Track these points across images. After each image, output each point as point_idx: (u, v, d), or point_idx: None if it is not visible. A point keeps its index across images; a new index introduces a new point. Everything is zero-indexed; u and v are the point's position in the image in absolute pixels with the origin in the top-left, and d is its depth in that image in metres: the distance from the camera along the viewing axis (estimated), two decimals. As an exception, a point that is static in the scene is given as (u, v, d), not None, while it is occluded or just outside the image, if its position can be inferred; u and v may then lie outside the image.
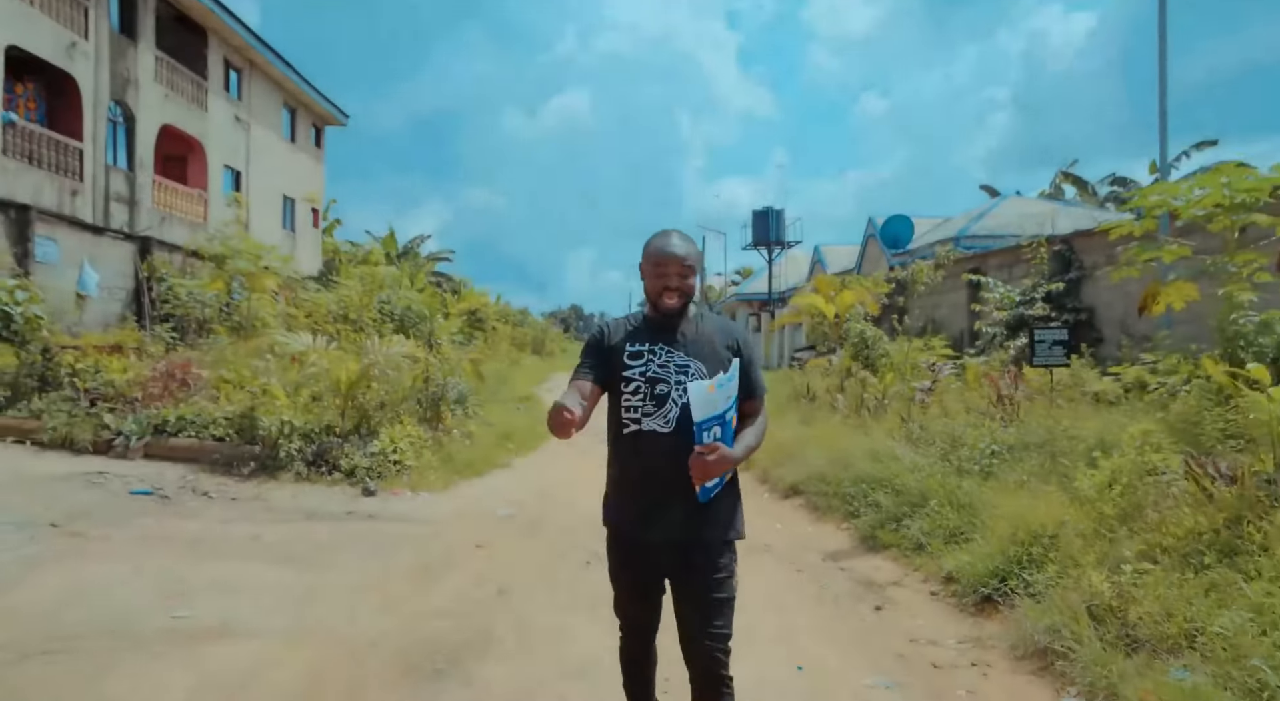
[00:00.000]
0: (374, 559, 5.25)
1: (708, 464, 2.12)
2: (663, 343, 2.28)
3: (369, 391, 8.66)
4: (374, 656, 3.59)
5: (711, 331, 2.35)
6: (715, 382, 2.14)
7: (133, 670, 3.30)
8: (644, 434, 2.23)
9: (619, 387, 2.27)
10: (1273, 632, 3.02)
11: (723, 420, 2.16)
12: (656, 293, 2.27)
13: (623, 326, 2.36)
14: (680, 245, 2.28)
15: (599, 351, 2.31)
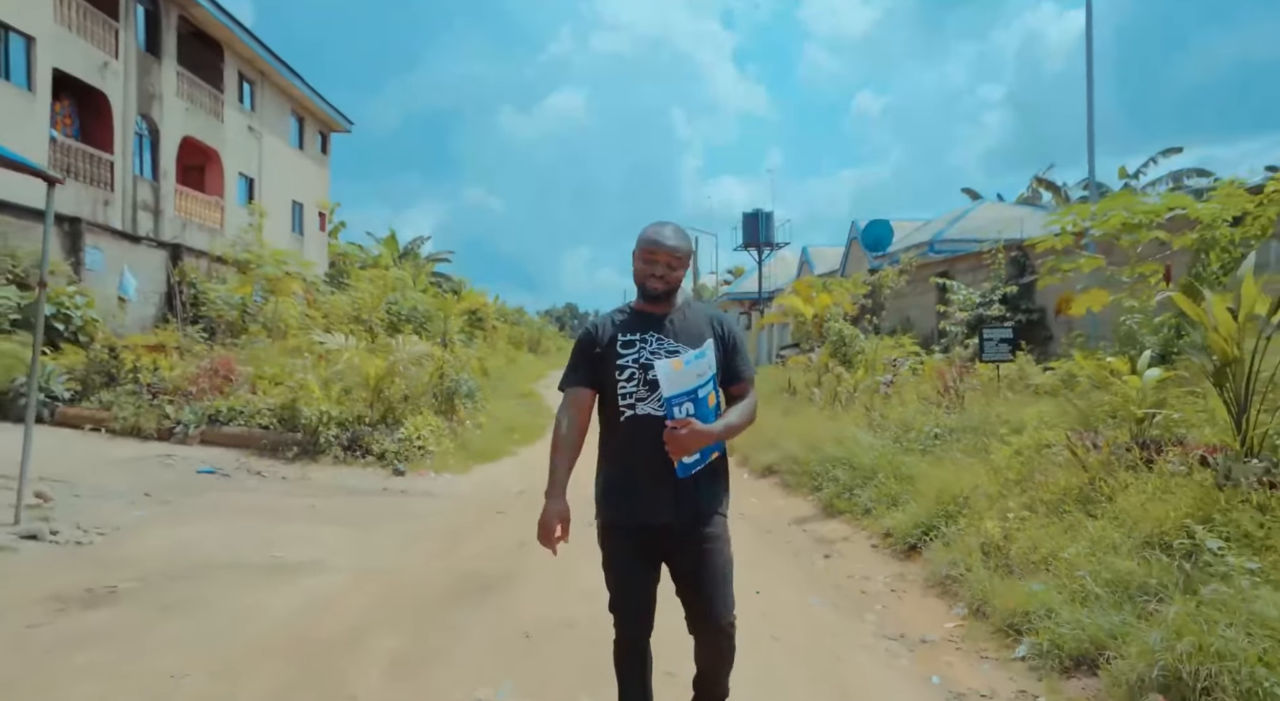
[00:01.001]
0: (413, 522, 6.33)
1: (680, 438, 2.18)
2: (653, 331, 2.36)
3: (393, 386, 9.74)
4: (430, 586, 4.67)
5: (697, 318, 2.43)
6: (683, 359, 2.23)
7: (252, 590, 4.38)
8: (639, 418, 2.29)
9: (613, 376, 2.32)
10: (1099, 554, 4.12)
11: (695, 396, 2.22)
12: (643, 277, 2.35)
13: (612, 321, 2.42)
14: (672, 237, 2.36)
15: (589, 354, 2.39)
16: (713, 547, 2.35)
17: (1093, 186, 9.65)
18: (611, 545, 2.41)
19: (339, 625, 3.90)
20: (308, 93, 25.02)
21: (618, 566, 2.40)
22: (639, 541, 2.35)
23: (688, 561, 2.34)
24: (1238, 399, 4.33)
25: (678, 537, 2.33)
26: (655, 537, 2.34)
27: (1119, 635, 3.42)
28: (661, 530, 2.32)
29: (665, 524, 2.31)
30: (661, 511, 2.30)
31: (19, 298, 10.14)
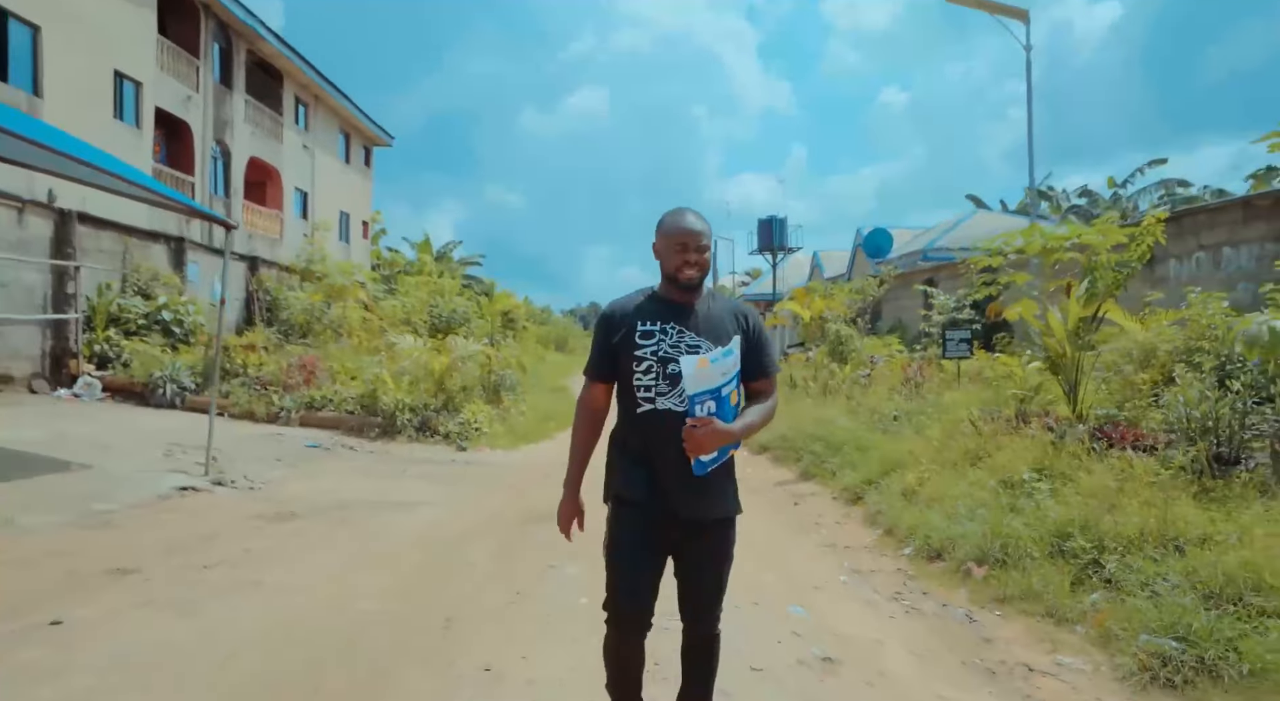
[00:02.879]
0: (481, 482, 8.27)
1: (699, 436, 2.13)
2: (675, 322, 2.28)
3: (453, 379, 11.71)
4: (504, 516, 6.58)
5: (722, 311, 2.35)
6: (709, 357, 2.17)
7: (384, 515, 6.32)
8: (659, 413, 2.24)
9: (630, 368, 2.27)
10: (971, 491, 5.94)
11: (718, 395, 2.17)
12: (676, 267, 2.28)
13: (633, 305, 2.34)
14: (696, 222, 2.30)
15: (606, 343, 2.34)
16: (721, 550, 2.38)
17: (1033, 202, 11.29)
18: (622, 522, 2.32)
19: (450, 534, 5.83)
20: (354, 111, 27.15)
21: (626, 545, 2.31)
22: (653, 522, 2.28)
23: (693, 556, 2.35)
24: (1069, 382, 6.13)
25: (689, 534, 2.31)
26: (669, 524, 2.28)
27: (963, 535, 5.25)
28: (676, 522, 2.28)
29: (682, 519, 2.27)
30: (687, 506, 2.26)
31: (144, 306, 12.23)
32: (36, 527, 5.10)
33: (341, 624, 3.80)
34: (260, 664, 3.28)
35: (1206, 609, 3.60)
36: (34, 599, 3.84)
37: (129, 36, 14.99)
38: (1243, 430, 4.95)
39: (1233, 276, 8.91)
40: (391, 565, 4.91)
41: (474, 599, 4.30)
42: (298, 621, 3.80)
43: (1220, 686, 3.20)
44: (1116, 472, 5.21)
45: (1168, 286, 9.57)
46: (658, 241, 2.34)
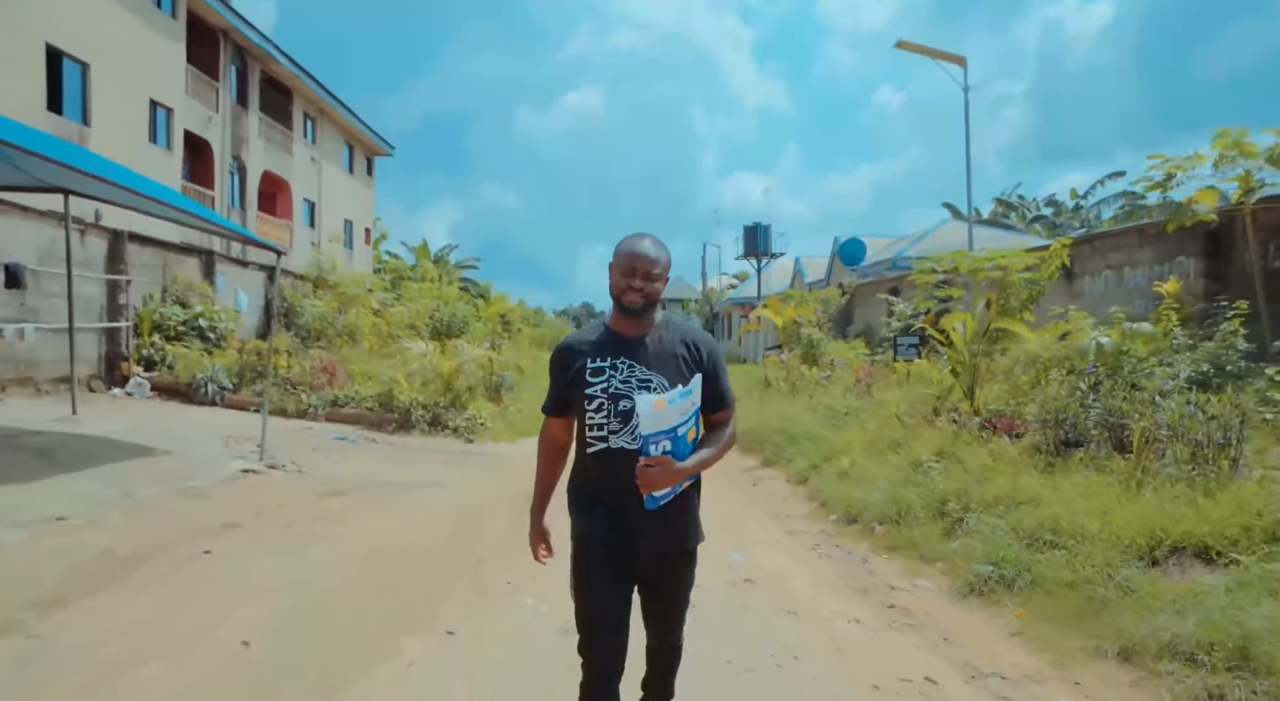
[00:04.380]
0: (489, 468, 9.72)
1: (652, 475, 2.14)
2: (624, 357, 2.27)
3: (459, 379, 13.14)
4: (516, 492, 8.01)
5: (674, 342, 2.32)
6: (667, 398, 2.14)
7: (415, 492, 7.76)
8: (611, 452, 2.24)
9: (582, 405, 2.27)
10: (890, 471, 7.41)
11: (674, 434, 2.16)
12: (620, 290, 2.26)
13: (584, 343, 2.34)
14: (651, 248, 2.26)
15: (561, 379, 2.36)
16: (682, 580, 2.42)
17: (970, 218, 12.75)
18: (587, 557, 2.33)
19: (471, 504, 7.29)
20: (358, 124, 28.54)
21: (594, 580, 2.31)
22: (615, 556, 2.30)
23: (655, 586, 2.40)
24: (969, 383, 7.63)
25: (650, 565, 2.34)
26: (632, 556, 2.30)
27: (872, 503, 6.74)
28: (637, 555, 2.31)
29: (644, 552, 2.30)
30: (638, 540, 2.29)
31: (182, 314, 13.63)
32: (151, 497, 6.52)
33: (405, 559, 5.25)
34: (357, 581, 4.73)
35: (1019, 546, 5.08)
36: (181, 539, 5.28)
37: (163, 67, 16.38)
38: (1086, 419, 6.44)
39: (1131, 292, 10.42)
40: (430, 525, 6.37)
41: (495, 546, 5.76)
42: (374, 558, 5.25)
43: (1011, 593, 4.68)
44: (992, 454, 6.71)
45: (1082, 300, 11.08)
46: (612, 262, 2.30)
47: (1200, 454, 5.39)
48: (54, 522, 5.57)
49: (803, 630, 4.26)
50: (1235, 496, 4.77)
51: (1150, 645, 3.68)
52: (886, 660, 3.85)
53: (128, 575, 4.52)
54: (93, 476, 6.89)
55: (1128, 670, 3.64)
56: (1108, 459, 5.94)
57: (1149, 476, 5.42)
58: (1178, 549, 4.57)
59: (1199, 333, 7.57)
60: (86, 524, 5.63)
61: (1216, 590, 3.95)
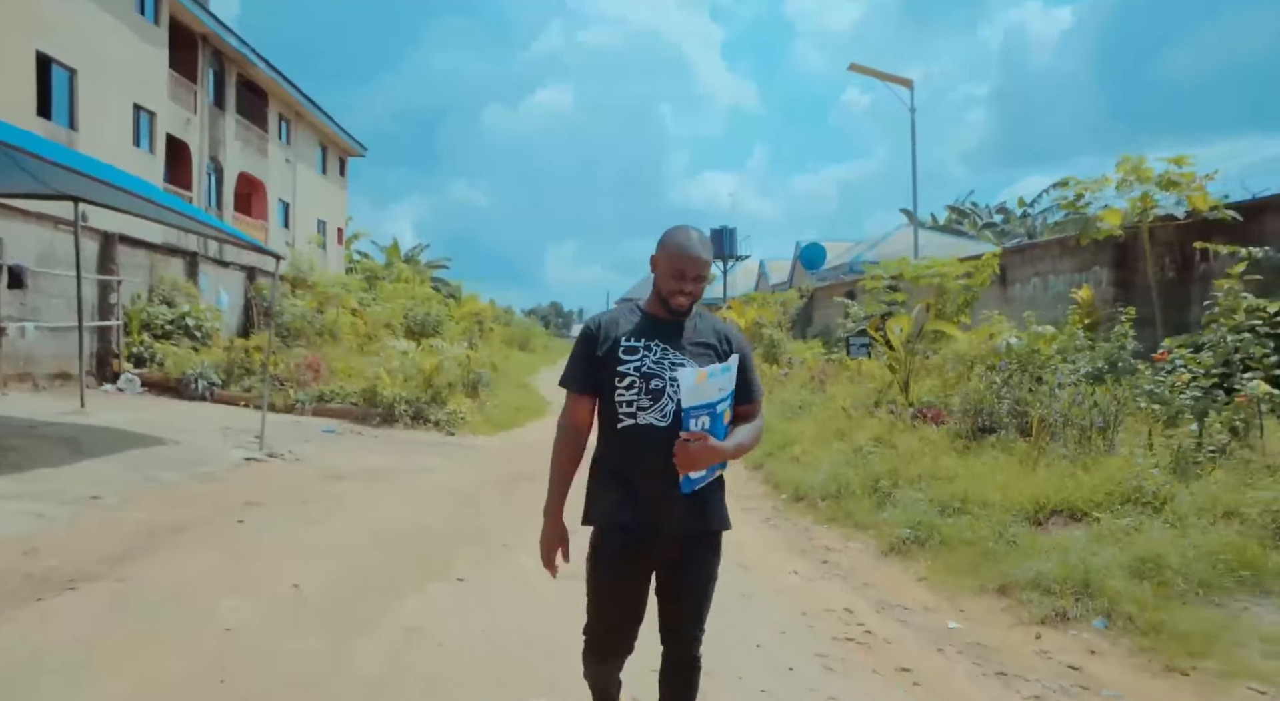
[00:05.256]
0: (473, 457, 10.51)
1: (692, 451, 2.11)
2: (659, 340, 2.26)
3: (439, 376, 13.88)
4: (500, 477, 8.84)
5: (708, 331, 2.34)
6: (707, 371, 2.14)
7: (410, 477, 8.53)
8: (640, 427, 2.21)
9: (612, 382, 2.23)
10: (834, 457, 8.37)
11: (713, 411, 2.15)
12: (669, 292, 2.24)
13: (619, 321, 2.31)
14: (701, 248, 2.25)
15: (590, 357, 2.29)
16: (707, 567, 2.32)
17: (917, 227, 13.85)
18: (608, 549, 2.27)
19: (463, 487, 8.09)
20: (332, 126, 28.98)
21: (614, 572, 2.27)
22: (637, 546, 2.23)
23: (678, 574, 2.29)
24: (904, 379, 8.63)
25: (674, 551, 2.26)
26: (653, 545, 2.24)
27: (817, 483, 7.68)
28: (660, 541, 2.24)
29: (673, 536, 2.24)
30: (675, 524, 2.22)
31: (169, 313, 14.18)
32: (171, 480, 7.23)
33: (413, 528, 6.06)
34: (376, 543, 5.54)
35: (934, 514, 6.04)
36: (212, 514, 6.03)
37: (146, 72, 16.84)
38: (999, 408, 7.45)
39: (1055, 298, 11.55)
40: (429, 503, 7.18)
41: (489, 519, 6.59)
42: (385, 527, 6.05)
43: (924, 551, 5.63)
44: (921, 439, 7.70)
45: (1014, 304, 12.19)
46: (658, 258, 2.28)
47: (1085, 436, 6.41)
48: (92, 501, 6.27)
49: (752, 579, 5.16)
50: (1106, 470, 5.79)
51: (1021, 582, 4.64)
52: (816, 598, 4.77)
53: (176, 540, 5.27)
54: (115, 462, 7.57)
55: (1002, 601, 4.60)
56: (1014, 442, 6.96)
57: (1044, 455, 6.44)
58: (1057, 511, 5.57)
59: (1103, 334, 8.65)
60: (121, 501, 6.34)
61: (1078, 541, 4.94)
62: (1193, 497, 5.11)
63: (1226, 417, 5.89)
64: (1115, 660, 3.80)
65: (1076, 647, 3.96)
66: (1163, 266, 9.20)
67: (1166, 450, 5.96)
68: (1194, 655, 3.66)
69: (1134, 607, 4.11)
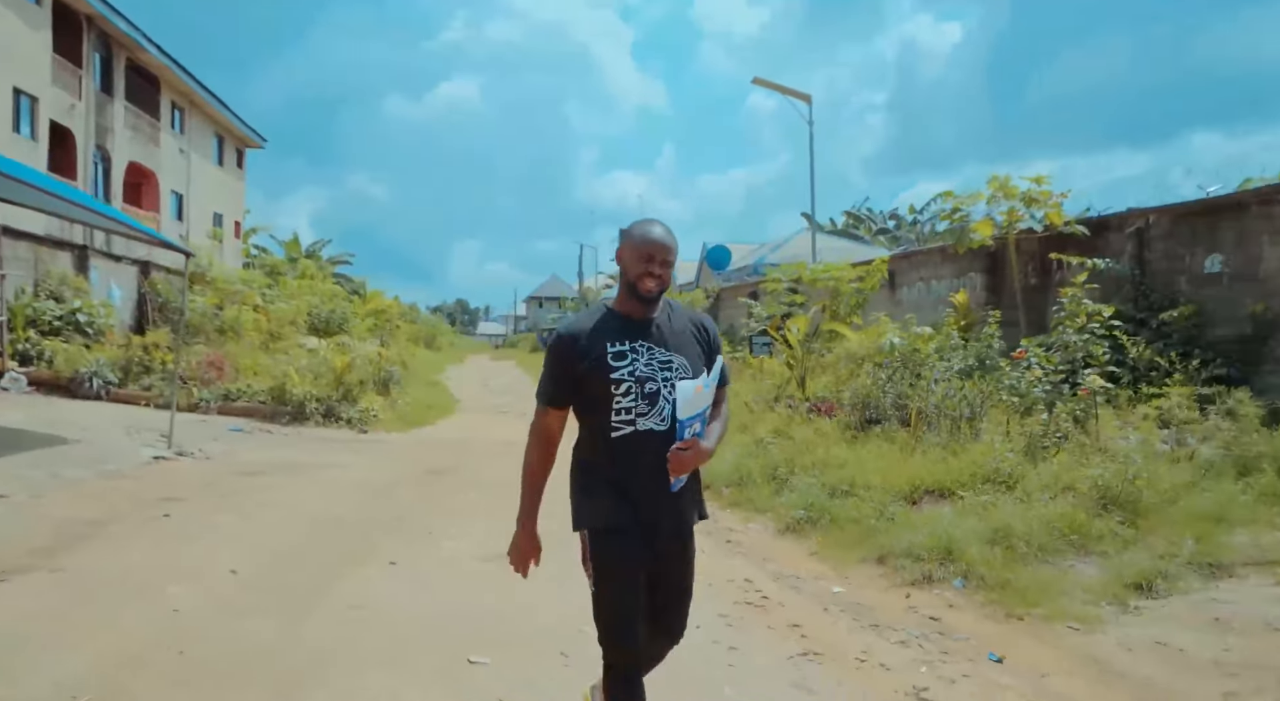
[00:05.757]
0: (388, 453, 10.64)
1: (686, 458, 2.18)
2: (641, 339, 2.27)
3: (351, 374, 13.85)
4: (414, 472, 9.05)
5: (684, 323, 2.37)
6: (702, 382, 2.20)
7: (325, 471, 8.64)
8: (640, 434, 2.21)
9: (608, 391, 2.22)
10: (737, 448, 9.00)
11: (702, 417, 2.23)
12: (637, 276, 2.26)
13: (596, 326, 2.28)
14: (665, 236, 2.30)
15: (569, 368, 2.26)
16: (692, 557, 2.40)
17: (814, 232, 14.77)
18: (610, 549, 2.25)
19: (381, 480, 8.28)
20: (229, 115, 27.92)
21: (619, 570, 2.25)
22: (638, 546, 2.25)
23: (668, 569, 2.34)
24: (801, 375, 9.35)
25: (667, 548, 2.31)
26: (651, 545, 2.27)
27: (722, 472, 8.27)
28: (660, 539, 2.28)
29: (663, 533, 2.29)
30: (663, 524, 2.28)
31: (57, 308, 13.59)
32: (79, 478, 7.15)
33: (338, 519, 6.27)
34: (305, 532, 5.74)
35: (825, 496, 6.71)
36: (134, 509, 6.07)
37: (26, 55, 15.96)
38: (884, 401, 8.23)
39: (937, 301, 12.60)
40: (350, 496, 7.37)
41: (410, 509, 6.86)
42: (313, 519, 6.24)
43: (815, 529, 6.27)
44: (815, 431, 8.41)
45: (902, 306, 13.20)
46: (624, 249, 2.31)
47: (955, 426, 7.23)
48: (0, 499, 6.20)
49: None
50: (971, 454, 6.59)
51: (896, 552, 5.31)
52: (720, 571, 5.30)
53: (103, 533, 5.34)
54: (16, 461, 7.41)
55: (880, 569, 5.26)
56: (895, 431, 7.74)
57: (920, 443, 7.22)
58: (929, 491, 6.32)
59: (976, 335, 9.61)
60: (31, 499, 6.29)
61: (945, 516, 5.66)
62: (1039, 476, 5.94)
63: (1070, 408, 6.80)
64: (968, 612, 4.48)
65: (938, 603, 4.63)
66: (1026, 274, 10.27)
67: (1021, 436, 6.82)
68: (1029, 604, 4.37)
69: (986, 569, 4.81)
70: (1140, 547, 4.90)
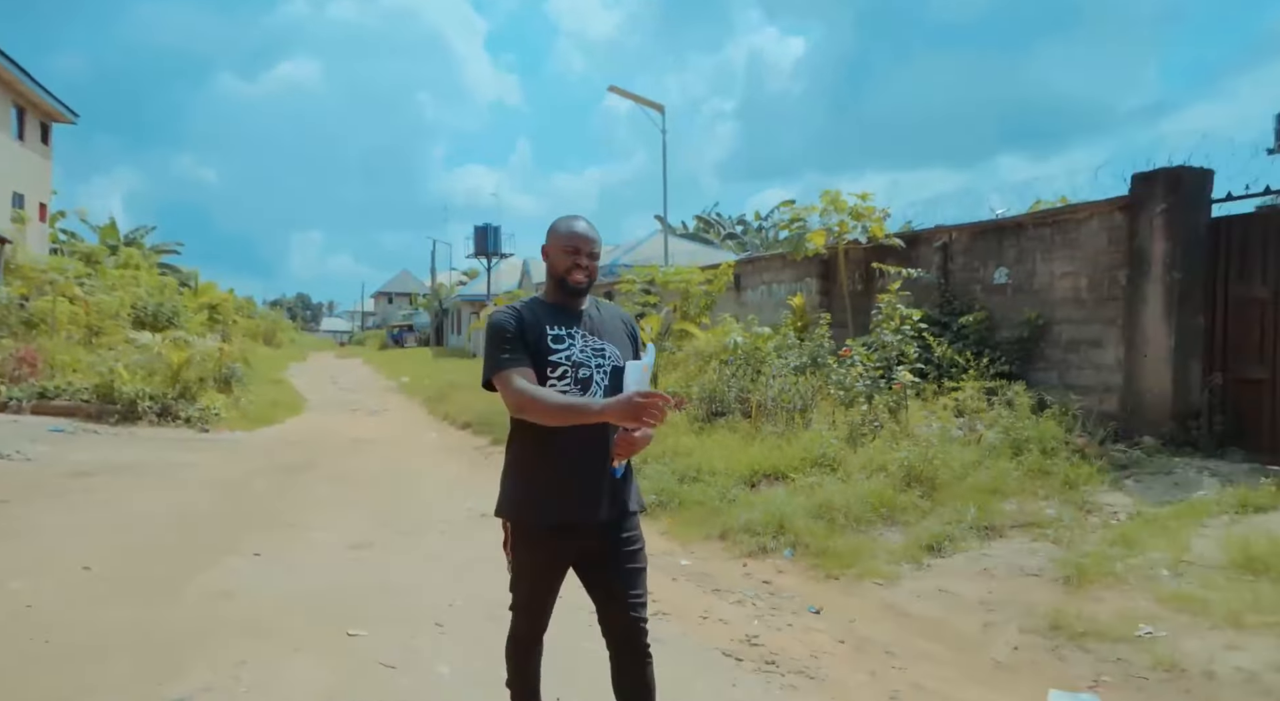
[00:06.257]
0: (237, 451, 10.28)
1: (635, 440, 2.24)
2: (576, 326, 2.32)
3: (189, 370, 13.13)
4: (268, 468, 8.85)
5: (612, 317, 2.45)
6: (647, 362, 2.26)
7: (170, 472, 8.30)
8: None
9: (543, 374, 2.24)
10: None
11: None
12: (566, 270, 2.30)
13: (532, 312, 2.32)
14: (589, 229, 2.34)
15: (520, 339, 2.26)
16: (639, 546, 2.38)
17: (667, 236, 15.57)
18: (530, 550, 2.31)
19: (231, 478, 8.08)
20: (31, 85, 25.27)
21: (535, 573, 2.34)
22: (562, 544, 2.28)
23: (613, 558, 2.32)
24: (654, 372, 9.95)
25: (608, 535, 2.31)
26: (581, 537, 2.28)
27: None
28: (593, 528, 2.28)
29: (600, 521, 2.28)
30: (598, 510, 2.27)
31: None
32: (-118, 482, 6.55)
33: (191, 514, 6.16)
34: (158, 527, 5.62)
35: (675, 482, 7.28)
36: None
37: None
38: (728, 395, 8.95)
39: (779, 303, 13.62)
40: (202, 492, 7.18)
41: (270, 503, 6.82)
42: (164, 515, 6.09)
43: (666, 511, 6.82)
44: (666, 423, 9.00)
45: (747, 308, 14.13)
46: (549, 245, 2.35)
47: (790, 417, 8.04)
48: None
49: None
50: (802, 442, 7.38)
51: (736, 528, 5.94)
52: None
53: (-76, 537, 5.02)
54: None
55: (722, 543, 5.87)
56: (738, 422, 8.46)
57: (759, 433, 7.96)
58: (767, 475, 7.04)
59: (810, 335, 10.58)
60: None
61: (779, 496, 6.37)
62: (858, 459, 6.79)
63: (885, 400, 7.74)
64: (795, 575, 5.15)
65: (770, 570, 5.27)
66: (854, 280, 11.39)
67: (845, 425, 7.70)
68: (844, 566, 5.09)
69: (811, 539, 5.52)
70: (934, 516, 5.77)
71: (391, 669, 3.39)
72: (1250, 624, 3.64)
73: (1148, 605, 4.03)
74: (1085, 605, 4.12)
